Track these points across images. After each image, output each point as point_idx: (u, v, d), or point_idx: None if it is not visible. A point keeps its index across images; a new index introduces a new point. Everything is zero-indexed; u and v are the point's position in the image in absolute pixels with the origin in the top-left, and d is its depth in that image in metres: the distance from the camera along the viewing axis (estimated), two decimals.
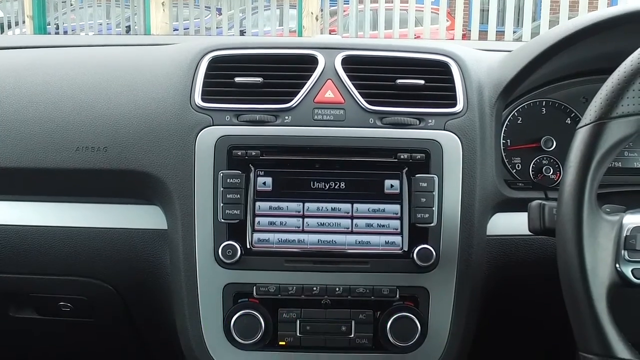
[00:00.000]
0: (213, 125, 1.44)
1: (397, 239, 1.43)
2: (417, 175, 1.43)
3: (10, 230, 1.54)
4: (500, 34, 7.18)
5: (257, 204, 1.43)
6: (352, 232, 1.43)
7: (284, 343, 1.43)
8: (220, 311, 1.43)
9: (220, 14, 9.50)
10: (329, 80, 1.48)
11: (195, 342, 1.44)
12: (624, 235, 1.12)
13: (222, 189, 1.42)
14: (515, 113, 1.63)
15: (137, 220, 1.54)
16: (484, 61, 1.57)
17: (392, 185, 1.43)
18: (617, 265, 1.11)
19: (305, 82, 1.48)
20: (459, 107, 1.47)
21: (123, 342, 1.77)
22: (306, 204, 1.43)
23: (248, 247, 1.42)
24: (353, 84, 1.48)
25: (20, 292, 1.64)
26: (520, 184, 1.56)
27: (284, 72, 1.50)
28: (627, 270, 1.12)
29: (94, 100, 1.52)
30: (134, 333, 1.68)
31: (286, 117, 1.45)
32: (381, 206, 1.43)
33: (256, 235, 1.42)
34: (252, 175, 1.43)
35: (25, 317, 1.67)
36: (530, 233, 1.25)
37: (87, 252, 1.53)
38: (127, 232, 1.53)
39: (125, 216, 1.54)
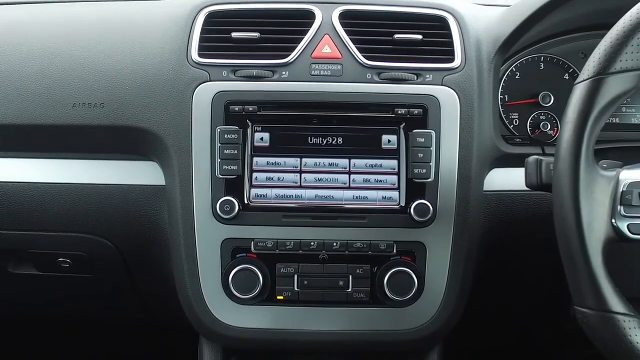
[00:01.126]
0: (210, 80, 1.44)
1: (395, 194, 1.43)
2: (414, 131, 1.43)
3: (7, 187, 1.54)
4: None
5: (255, 159, 1.43)
6: (349, 188, 1.43)
7: (281, 297, 1.44)
8: (219, 266, 1.43)
9: None
10: (326, 35, 1.47)
11: (193, 297, 1.46)
12: (620, 190, 1.13)
13: (219, 144, 1.42)
14: (513, 68, 1.62)
15: (134, 176, 1.54)
16: (483, 16, 1.56)
17: (389, 141, 1.43)
18: (613, 221, 1.12)
19: (303, 37, 1.47)
20: (456, 62, 1.46)
21: (122, 298, 1.78)
22: (304, 160, 1.43)
23: (246, 202, 1.42)
24: (350, 38, 1.47)
25: (19, 249, 1.64)
26: (517, 140, 1.56)
27: (281, 27, 1.49)
28: (623, 226, 1.12)
29: (89, 56, 1.51)
30: (133, 289, 1.70)
31: (283, 73, 1.44)
32: (378, 161, 1.43)
33: (254, 191, 1.42)
34: (249, 130, 1.43)
35: (24, 274, 1.68)
36: (527, 188, 1.25)
37: (84, 208, 1.53)
38: (124, 189, 1.53)
39: (122, 172, 1.54)
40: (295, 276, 1.43)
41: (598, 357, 1.18)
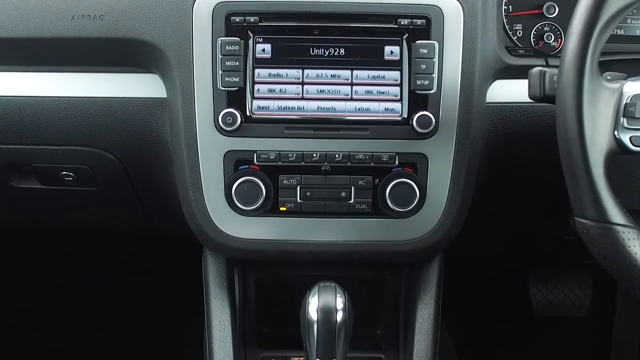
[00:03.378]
0: None
1: (397, 105, 1.43)
2: (417, 42, 1.41)
3: (9, 101, 1.54)
4: None
5: (257, 71, 1.42)
6: (351, 99, 1.43)
7: (284, 209, 1.46)
8: (222, 178, 1.44)
9: None
10: None
11: (197, 208, 1.47)
12: (624, 102, 1.13)
13: (220, 56, 1.41)
14: None
15: (135, 89, 1.53)
16: None
17: (392, 52, 1.42)
18: (616, 133, 1.12)
19: None
20: None
21: (127, 210, 1.80)
22: (306, 71, 1.42)
23: (248, 114, 1.42)
24: None
25: (21, 163, 1.65)
26: (521, 51, 1.54)
27: None
28: (625, 138, 1.13)
29: None
30: (138, 201, 1.71)
31: None
32: (381, 73, 1.42)
33: (256, 103, 1.42)
34: (250, 42, 1.41)
35: (28, 187, 1.69)
36: (530, 100, 1.25)
37: (86, 121, 1.53)
38: (125, 101, 1.53)
39: (123, 85, 1.53)
40: (298, 188, 1.44)
41: (596, 268, 1.19)
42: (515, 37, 1.58)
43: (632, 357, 2.66)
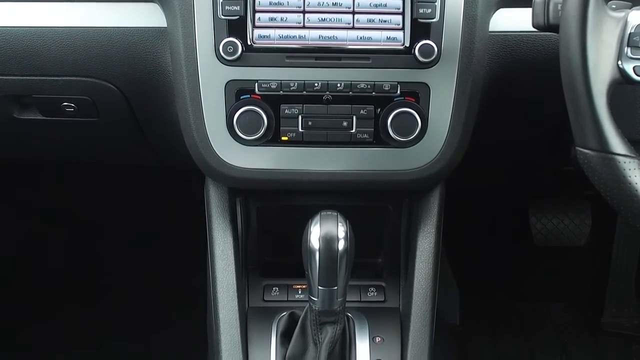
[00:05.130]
0: None
1: (399, 34, 1.41)
2: None
3: (7, 32, 1.52)
4: None
5: None
6: (353, 28, 1.41)
7: (286, 138, 1.46)
8: (223, 108, 1.44)
9: None
10: None
11: (199, 138, 1.47)
12: (628, 32, 1.12)
13: None
14: None
15: (135, 18, 1.51)
16: None
17: None
18: (619, 62, 1.12)
19: None
20: None
21: (129, 140, 1.80)
22: None
23: (249, 43, 1.41)
24: None
25: (22, 94, 1.64)
26: None
27: None
28: (629, 67, 1.12)
29: None
30: (140, 131, 1.71)
31: None
32: (383, 1, 1.41)
33: (257, 32, 1.41)
34: None
35: (30, 119, 1.69)
36: (533, 29, 1.24)
37: (86, 52, 1.52)
38: (125, 31, 1.51)
39: (123, 15, 1.52)
40: (300, 117, 1.44)
41: (596, 198, 1.20)
42: None
43: (629, 284, 2.70)
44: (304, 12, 1.41)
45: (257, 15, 1.40)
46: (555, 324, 2.71)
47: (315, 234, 1.32)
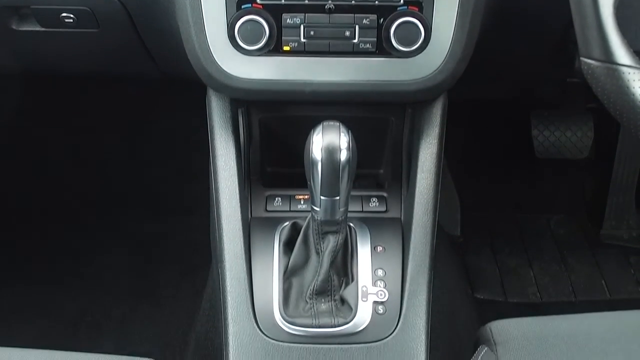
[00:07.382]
0: None
1: None
2: None
3: None
4: None
5: None
6: None
7: (287, 48, 1.44)
8: (224, 17, 1.42)
9: None
10: None
11: (200, 48, 1.46)
12: None
13: None
14: None
15: None
16: None
17: None
18: None
19: None
20: None
21: (131, 52, 1.79)
22: None
23: None
24: None
25: (20, 5, 1.62)
26: None
27: None
28: None
29: None
30: (141, 42, 1.70)
31: None
32: None
33: None
34: None
35: (28, 30, 1.67)
36: None
37: None
38: None
39: None
40: (302, 27, 1.43)
41: (598, 111, 1.20)
42: None
43: (629, 196, 2.72)
44: None
45: None
46: (554, 235, 2.74)
47: (318, 144, 1.32)
